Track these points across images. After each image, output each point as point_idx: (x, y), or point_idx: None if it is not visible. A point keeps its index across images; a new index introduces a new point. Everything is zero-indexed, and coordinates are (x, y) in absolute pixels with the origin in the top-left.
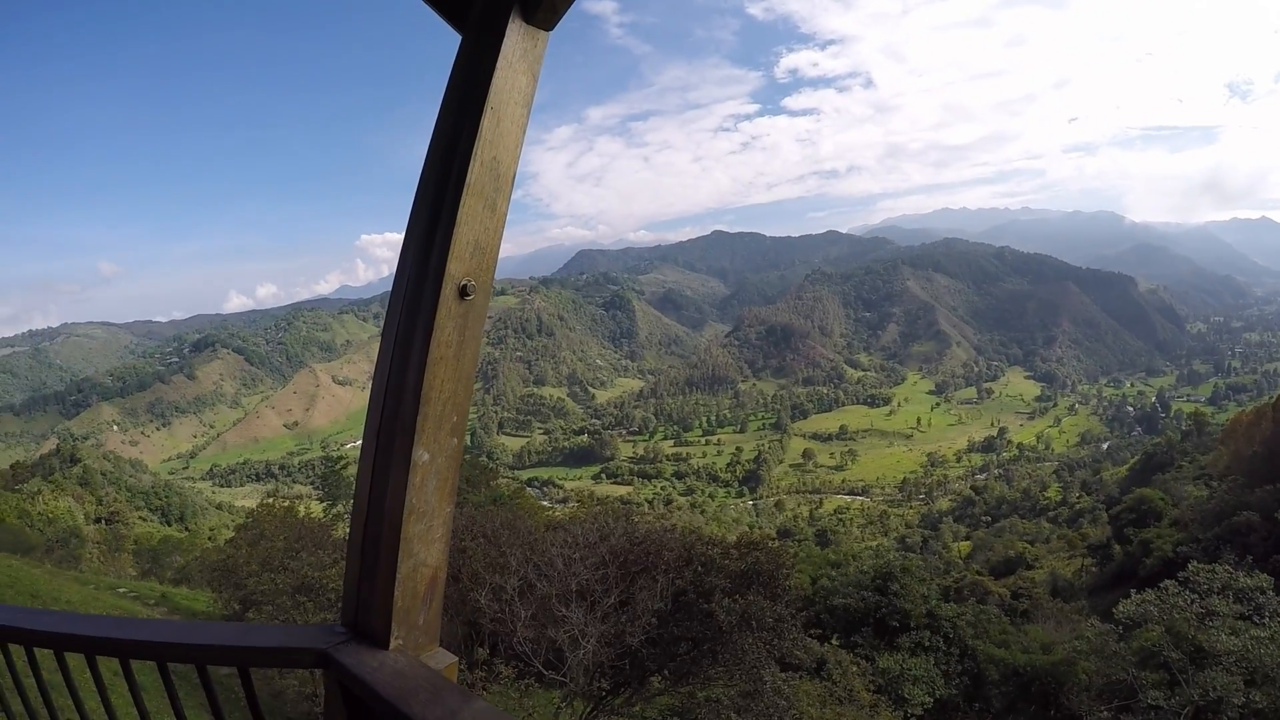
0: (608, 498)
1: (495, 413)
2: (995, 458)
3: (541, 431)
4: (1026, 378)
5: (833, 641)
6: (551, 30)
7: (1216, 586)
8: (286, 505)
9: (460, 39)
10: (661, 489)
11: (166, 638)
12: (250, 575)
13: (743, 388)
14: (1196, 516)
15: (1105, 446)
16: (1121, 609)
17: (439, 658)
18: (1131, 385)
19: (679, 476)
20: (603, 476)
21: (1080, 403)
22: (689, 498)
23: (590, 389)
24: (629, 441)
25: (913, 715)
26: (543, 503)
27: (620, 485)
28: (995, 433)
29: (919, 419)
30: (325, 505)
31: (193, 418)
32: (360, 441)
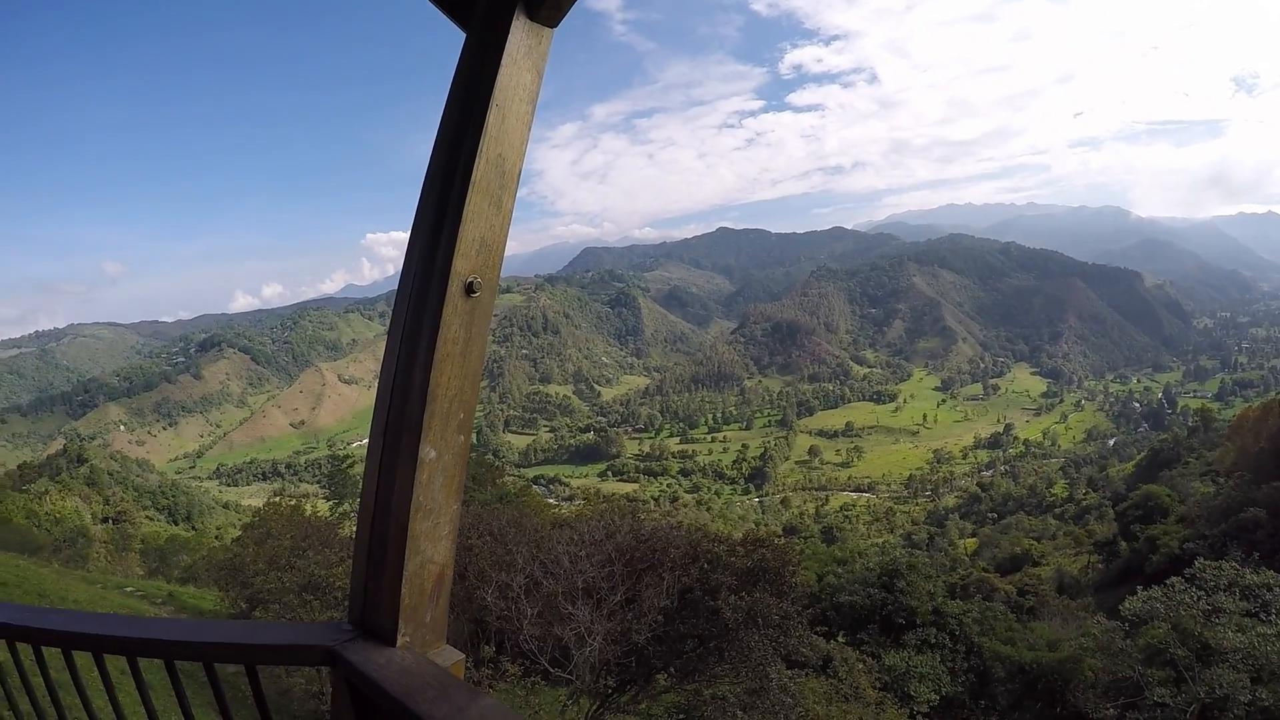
0: (614, 495)
1: (501, 410)
2: (1001, 454)
3: (547, 429)
4: (1032, 374)
5: (839, 639)
6: (556, 27)
7: (1223, 583)
8: (293, 504)
9: (465, 36)
10: (667, 486)
11: (173, 636)
12: (257, 574)
13: (748, 385)
14: (1203, 513)
15: (1112, 443)
16: (1128, 606)
17: (446, 655)
18: (1138, 381)
19: (685, 474)
20: (608, 474)
21: (1086, 399)
22: (695, 495)
23: (596, 386)
24: (635, 439)
25: (919, 712)
26: (549, 500)
27: (626, 483)
28: (1001, 429)
29: (925, 415)
30: (331, 504)
31: (199, 417)
32: (367, 440)
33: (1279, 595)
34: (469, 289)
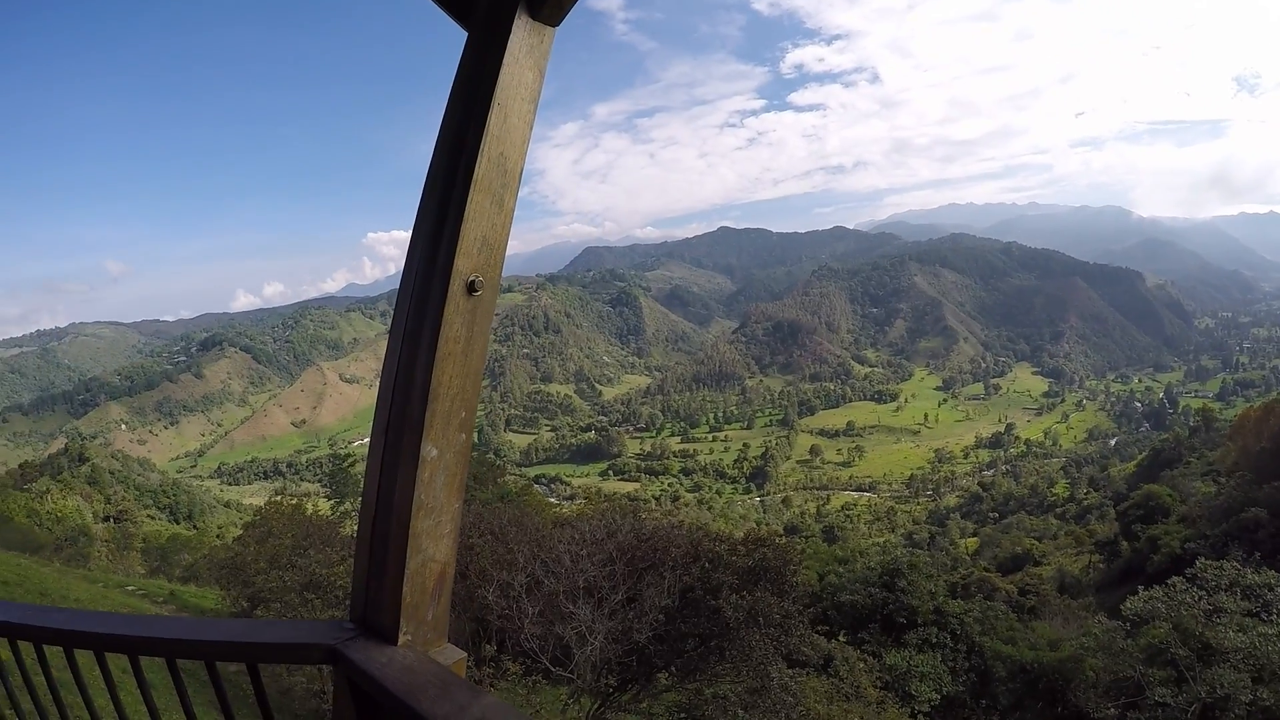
0: (615, 494)
1: (502, 410)
2: (1003, 454)
3: (549, 428)
4: (1034, 373)
5: (840, 638)
6: (558, 26)
7: (1224, 583)
8: (294, 503)
9: (466, 35)
10: (669, 485)
11: (175, 634)
12: (258, 573)
13: (750, 384)
14: (1204, 513)
15: (1113, 442)
16: (1129, 605)
17: (447, 653)
18: (1139, 381)
19: (686, 473)
20: (610, 473)
21: (1088, 399)
22: (696, 494)
23: (597, 386)
24: (636, 438)
25: (920, 712)
26: (550, 499)
27: (627, 482)
28: (1003, 429)
29: (926, 415)
30: (333, 503)
31: (200, 416)
32: (368, 438)
33: None
34: (471, 288)
